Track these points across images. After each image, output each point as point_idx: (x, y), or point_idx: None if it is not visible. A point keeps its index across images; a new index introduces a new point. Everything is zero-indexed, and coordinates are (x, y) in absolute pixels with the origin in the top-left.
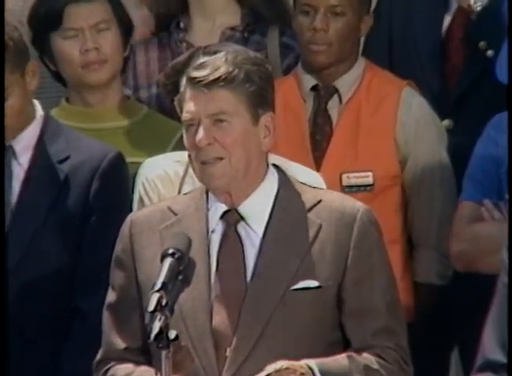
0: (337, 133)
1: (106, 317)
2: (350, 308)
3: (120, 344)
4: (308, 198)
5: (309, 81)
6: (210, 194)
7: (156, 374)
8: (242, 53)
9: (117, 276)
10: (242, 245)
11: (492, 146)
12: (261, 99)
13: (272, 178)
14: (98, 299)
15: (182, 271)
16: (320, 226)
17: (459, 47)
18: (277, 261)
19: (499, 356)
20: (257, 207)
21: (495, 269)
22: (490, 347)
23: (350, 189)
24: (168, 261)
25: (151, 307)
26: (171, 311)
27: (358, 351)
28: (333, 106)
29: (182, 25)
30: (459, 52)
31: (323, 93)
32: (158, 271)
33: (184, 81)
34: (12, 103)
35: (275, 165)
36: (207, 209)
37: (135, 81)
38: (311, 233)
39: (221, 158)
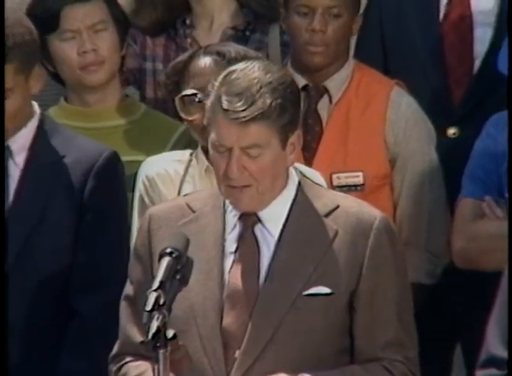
0: (327, 133)
1: (123, 308)
2: (361, 318)
3: (137, 337)
4: (326, 203)
5: (299, 81)
6: None
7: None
8: (274, 71)
9: (134, 270)
10: (258, 247)
11: (492, 144)
12: (291, 125)
13: (292, 184)
14: (95, 300)
15: (180, 270)
16: (336, 232)
17: (455, 44)
18: (291, 265)
19: (503, 352)
20: (276, 211)
21: (496, 267)
22: (494, 343)
23: (340, 190)
24: (166, 260)
25: (149, 306)
26: (169, 310)
27: (365, 361)
28: (323, 106)
29: (187, 21)
30: (454, 49)
31: (313, 93)
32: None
33: (213, 98)
34: (9, 104)
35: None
36: (225, 208)
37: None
38: (327, 239)
39: (249, 186)
